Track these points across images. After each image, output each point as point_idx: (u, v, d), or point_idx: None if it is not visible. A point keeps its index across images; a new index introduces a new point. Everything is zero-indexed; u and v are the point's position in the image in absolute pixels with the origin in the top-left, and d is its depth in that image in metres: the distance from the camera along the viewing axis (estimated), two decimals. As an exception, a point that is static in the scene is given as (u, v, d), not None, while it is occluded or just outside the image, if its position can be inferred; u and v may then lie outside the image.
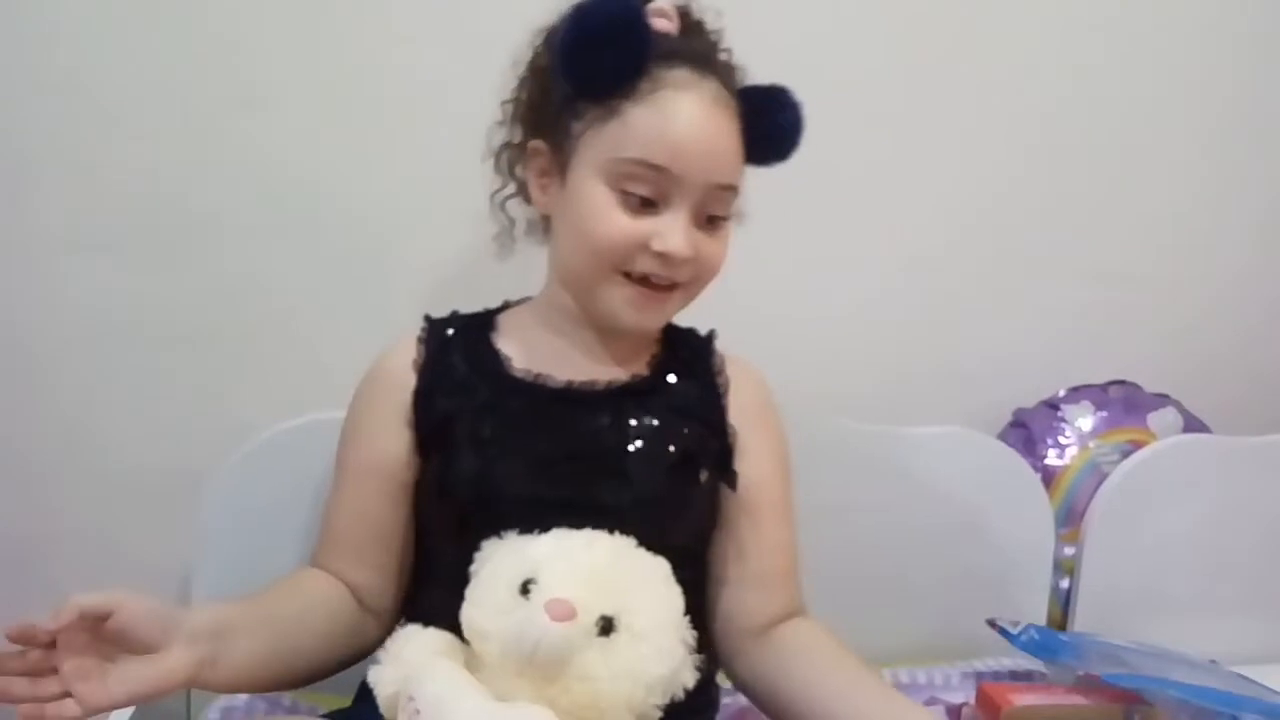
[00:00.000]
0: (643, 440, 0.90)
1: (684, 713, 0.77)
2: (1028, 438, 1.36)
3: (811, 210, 1.23)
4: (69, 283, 1.17)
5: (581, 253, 0.90)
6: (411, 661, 0.75)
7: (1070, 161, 1.37)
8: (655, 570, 0.80)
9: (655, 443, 0.90)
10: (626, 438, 0.90)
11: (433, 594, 0.90)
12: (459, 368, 0.94)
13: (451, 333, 0.96)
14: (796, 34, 1.20)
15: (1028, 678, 1.20)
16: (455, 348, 0.95)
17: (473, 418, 0.90)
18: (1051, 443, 1.36)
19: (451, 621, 0.78)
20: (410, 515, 0.93)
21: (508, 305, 1.02)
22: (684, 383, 0.96)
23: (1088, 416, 1.37)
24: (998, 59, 1.33)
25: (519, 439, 0.89)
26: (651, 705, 0.74)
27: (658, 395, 0.94)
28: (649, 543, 0.81)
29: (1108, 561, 1.29)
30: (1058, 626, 1.31)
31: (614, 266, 0.88)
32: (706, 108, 0.87)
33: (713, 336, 1.01)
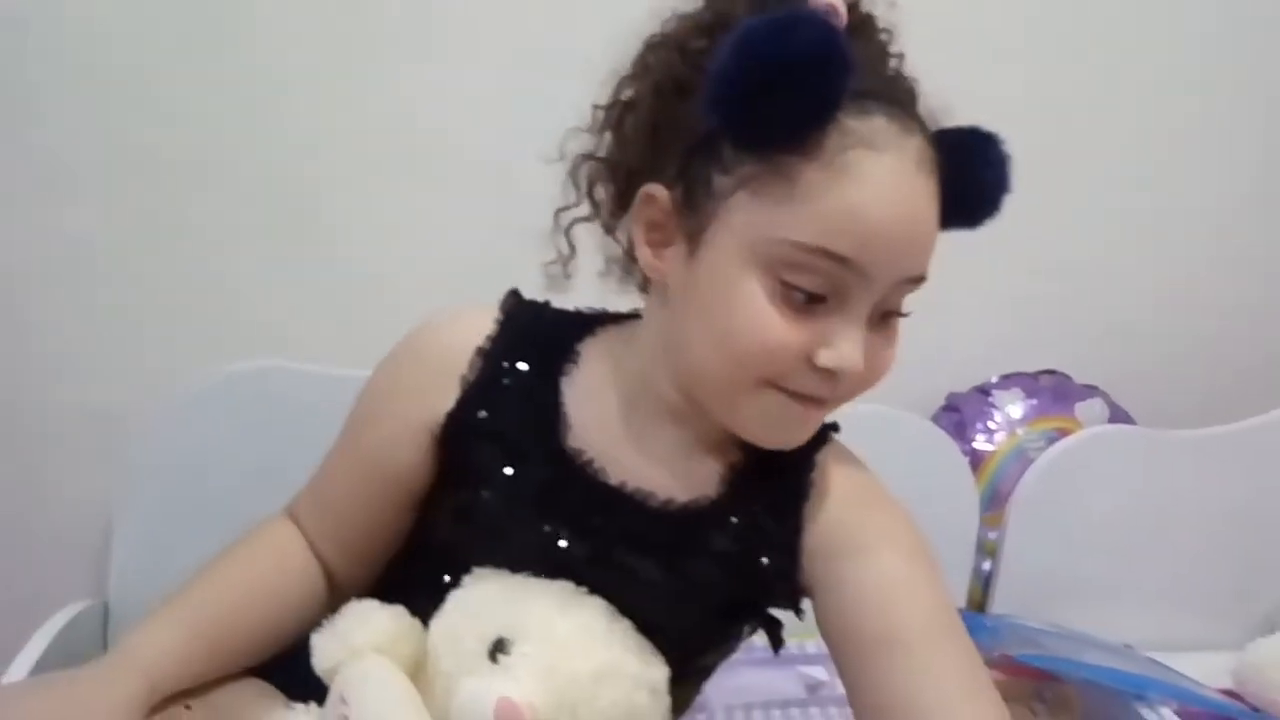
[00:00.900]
0: (677, 581, 0.72)
1: None
2: (959, 421, 1.39)
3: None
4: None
5: (717, 356, 0.68)
6: (356, 649, 0.68)
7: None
8: (643, 684, 0.68)
9: (692, 590, 0.72)
10: (658, 576, 0.71)
11: (412, 594, 0.73)
12: (511, 411, 0.74)
13: (520, 358, 0.76)
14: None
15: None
16: (518, 379, 0.75)
17: (502, 476, 0.73)
18: (981, 427, 1.38)
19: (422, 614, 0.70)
20: (410, 518, 0.80)
21: (606, 318, 0.81)
22: (760, 506, 0.74)
23: (1018, 403, 1.40)
24: (932, 45, 1.34)
25: (541, 520, 0.72)
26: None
27: (719, 529, 0.73)
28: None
29: (1029, 545, 1.31)
30: (978, 607, 1.33)
31: (762, 379, 0.67)
32: (910, 177, 0.65)
33: (826, 438, 0.77)
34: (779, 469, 0.74)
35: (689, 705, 0.82)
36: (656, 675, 0.69)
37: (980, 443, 1.37)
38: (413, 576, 0.77)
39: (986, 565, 1.34)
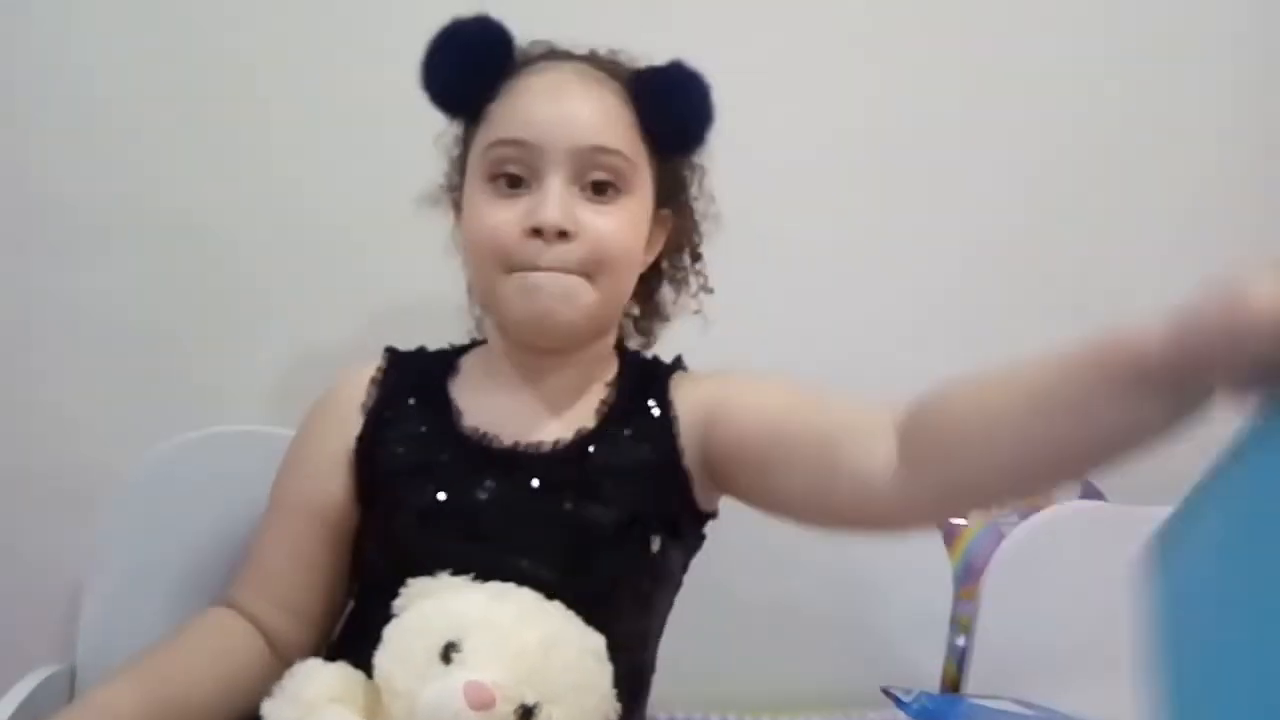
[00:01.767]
0: (580, 513, 0.83)
1: None
2: (932, 497, 1.39)
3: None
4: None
5: (474, 264, 0.87)
6: (309, 703, 0.71)
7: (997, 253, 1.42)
8: (587, 650, 0.76)
9: (592, 517, 0.83)
10: (562, 511, 0.83)
11: (363, 650, 0.77)
12: (411, 419, 0.88)
13: (410, 379, 0.91)
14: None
15: (920, 736, 1.21)
16: (411, 392, 0.90)
17: (416, 475, 0.85)
18: (954, 503, 1.38)
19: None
20: (346, 563, 0.89)
21: (475, 344, 0.97)
22: (636, 432, 0.88)
23: (990, 479, 1.40)
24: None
25: (459, 501, 0.83)
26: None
27: (601, 457, 0.86)
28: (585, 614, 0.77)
29: (1004, 620, 1.31)
30: (953, 684, 1.32)
31: (502, 264, 0.83)
32: (564, 76, 0.85)
33: (677, 365, 0.94)
34: (642, 392, 0.89)
35: (646, 685, 0.89)
36: (596, 641, 0.77)
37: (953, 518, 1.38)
38: (363, 627, 0.81)
39: (961, 641, 1.34)
